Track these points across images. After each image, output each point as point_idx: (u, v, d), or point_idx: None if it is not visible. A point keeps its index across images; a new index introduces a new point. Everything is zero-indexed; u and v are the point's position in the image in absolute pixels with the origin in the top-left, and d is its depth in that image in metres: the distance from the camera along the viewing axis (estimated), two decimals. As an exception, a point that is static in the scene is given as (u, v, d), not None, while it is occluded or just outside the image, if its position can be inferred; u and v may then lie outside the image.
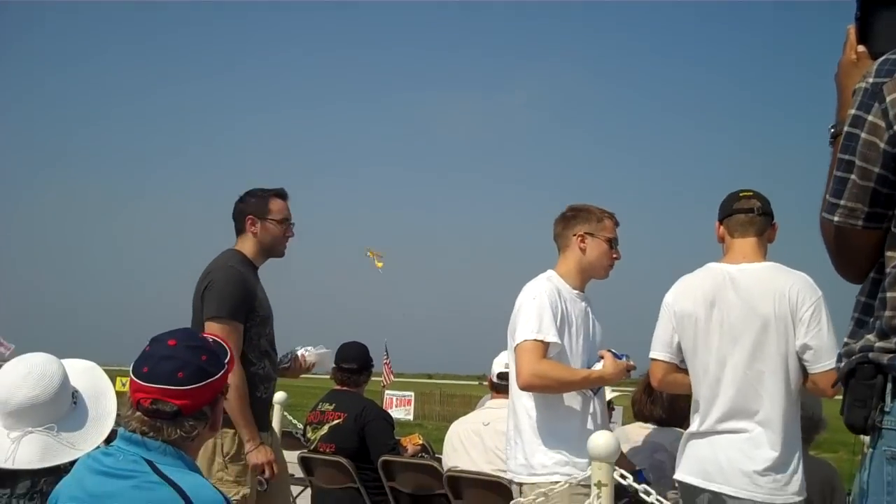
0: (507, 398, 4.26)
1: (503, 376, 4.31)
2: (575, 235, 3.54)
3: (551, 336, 3.32)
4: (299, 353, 4.11)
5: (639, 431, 4.01)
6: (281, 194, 3.91)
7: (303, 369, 4.13)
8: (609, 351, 3.45)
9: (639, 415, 4.07)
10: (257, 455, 3.54)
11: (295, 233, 3.93)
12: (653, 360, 3.31)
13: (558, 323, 3.35)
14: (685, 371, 3.23)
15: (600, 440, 3.08)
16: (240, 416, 3.53)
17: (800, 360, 2.99)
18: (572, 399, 3.41)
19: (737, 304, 3.05)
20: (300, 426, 6.10)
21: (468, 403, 30.60)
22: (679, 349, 3.22)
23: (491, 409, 4.36)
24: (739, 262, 3.12)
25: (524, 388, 3.36)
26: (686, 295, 3.19)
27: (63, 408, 2.14)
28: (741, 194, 3.24)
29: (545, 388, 3.37)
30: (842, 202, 1.63)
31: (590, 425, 3.39)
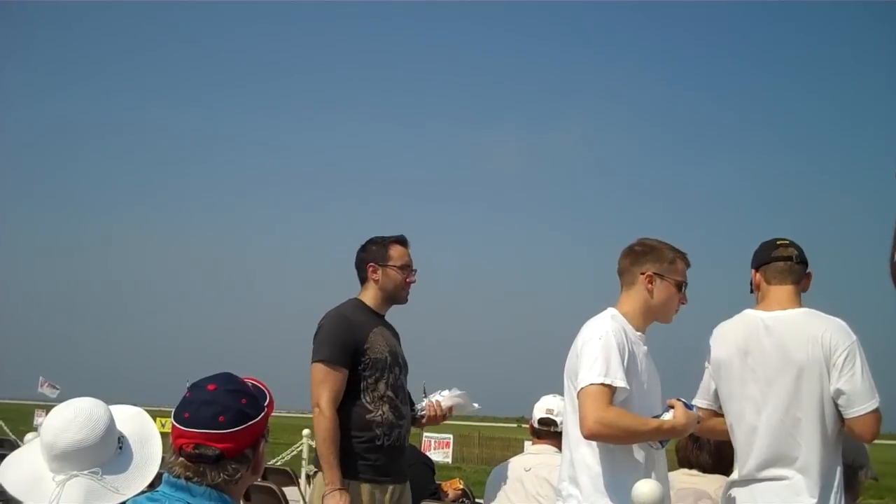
0: (549, 444, 4.22)
1: (545, 422, 4.27)
2: (643, 274, 3.24)
3: (619, 380, 3.01)
4: (433, 399, 4.09)
5: (683, 479, 3.93)
6: (401, 241, 3.97)
7: (440, 416, 4.08)
8: (679, 400, 3.20)
9: (684, 461, 4.00)
10: (330, 500, 3.58)
11: (417, 279, 3.99)
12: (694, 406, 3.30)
13: (625, 366, 3.05)
14: (723, 416, 3.23)
15: (645, 488, 3.02)
16: (322, 460, 3.62)
17: (836, 405, 2.97)
18: (637, 451, 3.13)
19: (770, 350, 3.05)
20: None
21: (507, 446, 30.36)
22: (716, 396, 3.24)
23: (532, 455, 4.31)
24: (774, 310, 3.13)
25: (589, 436, 3.03)
26: (721, 342, 3.22)
27: (108, 452, 2.13)
28: (778, 242, 3.26)
29: (611, 438, 3.05)
30: None
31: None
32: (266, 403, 2.08)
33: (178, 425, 1.98)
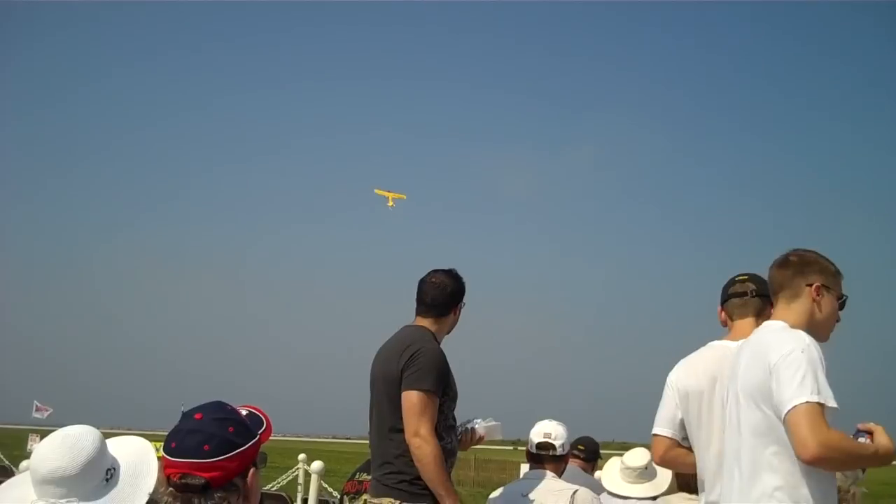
0: (546, 468, 4.20)
1: (543, 446, 4.25)
2: (810, 286, 3.04)
3: (831, 400, 2.71)
4: (468, 426, 4.14)
5: (682, 503, 3.91)
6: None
7: (473, 441, 4.16)
8: (875, 424, 2.93)
9: (683, 485, 3.98)
10: None
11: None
12: (655, 435, 3.38)
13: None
14: (686, 448, 3.31)
15: None
16: (440, 486, 3.65)
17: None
18: (834, 481, 2.88)
19: (737, 376, 3.06)
20: (336, 494, 6.03)
21: (503, 469, 30.19)
22: (681, 426, 3.32)
23: (529, 481, 4.29)
24: (739, 340, 3.18)
25: (812, 461, 2.69)
26: (689, 372, 3.31)
27: (90, 483, 2.06)
28: (737, 279, 3.46)
29: (835, 463, 2.79)
30: None
31: None
32: (261, 431, 2.09)
33: (166, 455, 2.00)
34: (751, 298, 3.37)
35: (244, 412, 2.14)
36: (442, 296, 3.98)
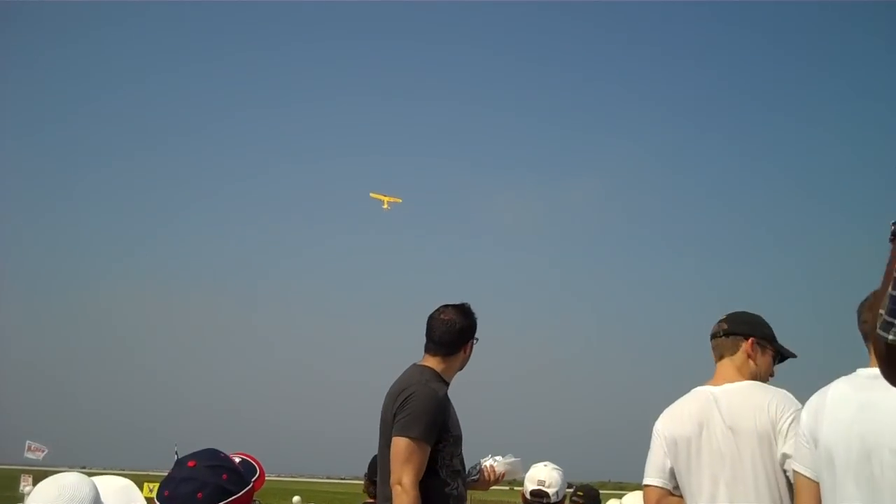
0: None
1: (537, 493, 4.25)
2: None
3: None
4: (487, 463, 4.02)
5: None
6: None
7: (492, 480, 4.02)
8: None
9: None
10: None
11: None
12: (646, 486, 3.37)
13: None
14: (679, 496, 3.30)
15: None
16: None
17: (785, 472, 3.01)
18: None
19: (721, 423, 3.16)
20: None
21: (499, 510, 29.99)
22: (672, 475, 3.30)
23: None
24: (721, 384, 3.27)
25: None
26: (677, 420, 3.31)
27: None
28: (718, 321, 3.42)
29: None
30: None
31: None
32: (254, 478, 2.10)
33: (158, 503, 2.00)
34: (720, 338, 3.36)
35: (238, 459, 2.16)
36: (450, 334, 3.82)
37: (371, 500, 4.91)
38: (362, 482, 5.02)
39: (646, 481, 3.36)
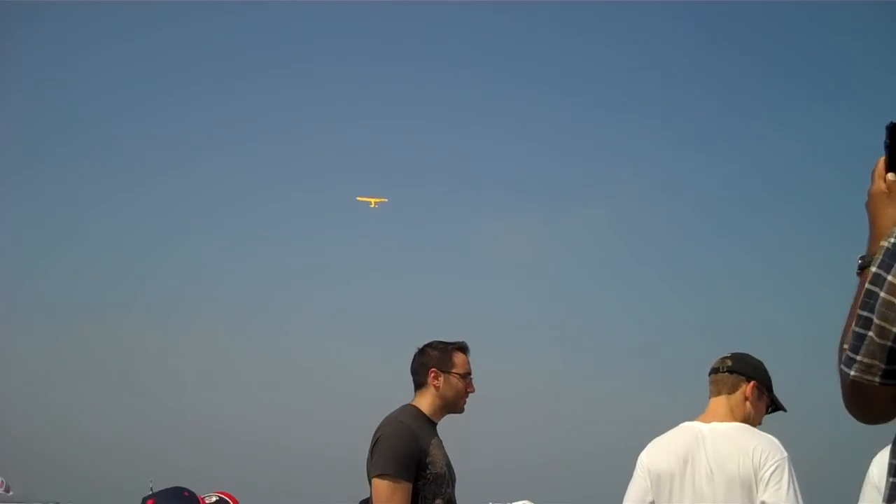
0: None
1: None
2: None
3: None
4: None
5: None
6: (463, 348, 3.87)
7: None
8: None
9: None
10: None
11: (475, 388, 3.85)
12: None
13: None
14: None
15: None
16: None
17: None
18: None
19: (705, 462, 3.16)
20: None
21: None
22: None
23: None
24: (711, 422, 3.26)
25: None
26: (662, 454, 3.30)
27: None
28: (722, 357, 3.40)
29: None
30: (858, 357, 1.63)
31: None
32: None
33: None
34: (722, 374, 3.35)
35: (214, 498, 2.13)
36: (413, 365, 3.84)
37: None
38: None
39: None
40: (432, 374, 3.76)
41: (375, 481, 3.52)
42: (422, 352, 3.85)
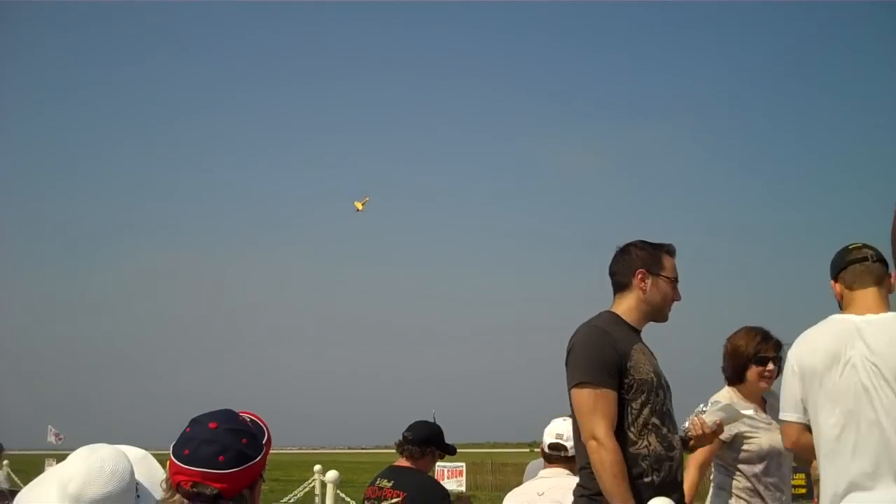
0: (561, 468, 4.23)
1: (555, 447, 4.27)
2: None
3: None
4: (694, 417, 3.57)
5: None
6: (672, 251, 3.48)
7: (709, 434, 3.54)
8: None
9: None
10: None
11: (682, 296, 3.47)
12: (783, 421, 3.19)
13: None
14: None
15: None
16: (617, 499, 3.07)
17: None
18: None
19: (864, 356, 2.91)
20: None
21: (520, 472, 29.93)
22: (806, 409, 3.07)
23: (544, 479, 4.32)
24: (864, 314, 3.01)
25: None
26: (810, 350, 3.05)
27: (129, 500, 2.12)
28: (851, 247, 3.17)
29: None
30: None
31: None
32: (264, 441, 2.09)
33: (176, 461, 1.98)
34: (872, 263, 3.09)
35: (247, 420, 2.16)
36: (613, 265, 3.48)
37: (401, 464, 4.89)
38: (384, 451, 4.99)
39: (782, 416, 3.18)
40: (640, 276, 3.41)
41: (574, 392, 3.23)
42: (625, 250, 3.49)
